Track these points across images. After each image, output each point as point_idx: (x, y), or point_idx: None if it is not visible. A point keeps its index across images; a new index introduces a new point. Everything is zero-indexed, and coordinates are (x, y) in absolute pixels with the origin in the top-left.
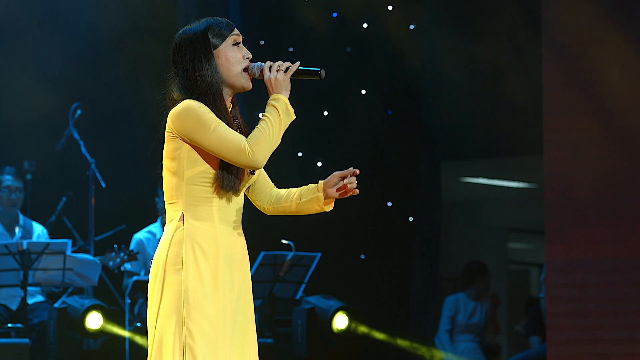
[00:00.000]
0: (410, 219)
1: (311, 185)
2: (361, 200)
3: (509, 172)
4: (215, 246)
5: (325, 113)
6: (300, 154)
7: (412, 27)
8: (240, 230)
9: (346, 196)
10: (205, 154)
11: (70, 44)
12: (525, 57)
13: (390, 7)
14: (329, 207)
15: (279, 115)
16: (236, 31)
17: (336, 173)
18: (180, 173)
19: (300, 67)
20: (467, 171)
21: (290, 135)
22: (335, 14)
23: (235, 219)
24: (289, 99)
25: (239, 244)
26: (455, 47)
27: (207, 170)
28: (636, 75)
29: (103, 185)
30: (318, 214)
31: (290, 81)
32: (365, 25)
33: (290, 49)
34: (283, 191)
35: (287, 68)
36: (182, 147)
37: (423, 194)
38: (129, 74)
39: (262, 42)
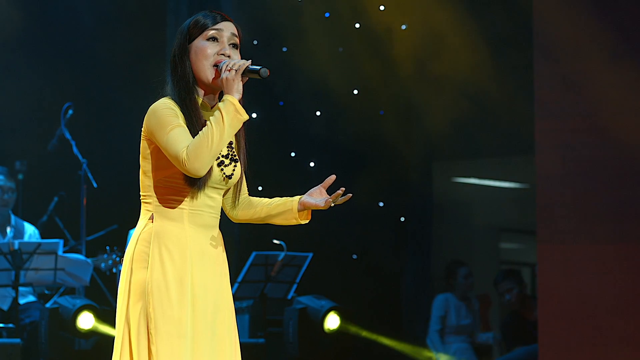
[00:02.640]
0: (402, 219)
1: (287, 197)
2: (352, 201)
3: (501, 172)
4: (183, 248)
5: (318, 113)
6: (293, 154)
7: (403, 27)
8: (216, 231)
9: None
10: None
11: (61, 43)
12: (517, 57)
13: (382, 7)
14: (305, 220)
15: (222, 120)
16: (220, 25)
17: (320, 185)
18: (150, 173)
19: (249, 67)
20: (459, 171)
21: (283, 135)
22: (327, 14)
23: (208, 221)
24: (242, 96)
25: (212, 246)
26: (446, 46)
27: (174, 175)
28: (627, 76)
29: (95, 185)
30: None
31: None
32: (357, 26)
33: (284, 49)
34: (255, 198)
35: (239, 67)
36: (151, 148)
37: (414, 194)
38: (121, 74)
39: (255, 42)
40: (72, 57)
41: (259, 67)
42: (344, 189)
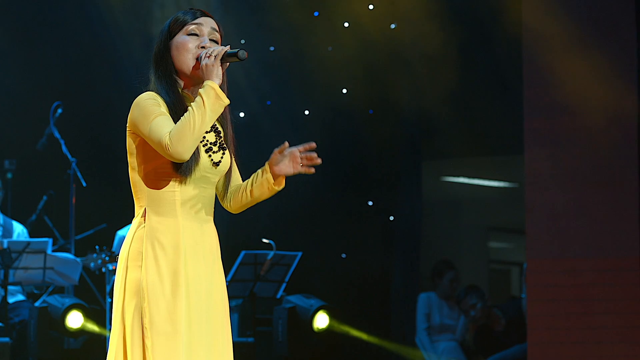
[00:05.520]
0: (391, 218)
1: (258, 171)
2: (342, 200)
3: (490, 171)
4: (176, 242)
5: (307, 112)
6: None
7: (392, 26)
8: (210, 225)
9: (297, 172)
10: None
11: (51, 42)
12: (506, 56)
13: (371, 7)
14: (279, 187)
15: (203, 104)
16: (200, 20)
17: (275, 150)
18: (139, 168)
19: (228, 51)
20: (448, 170)
21: (271, 135)
22: (316, 13)
23: (201, 213)
24: (223, 83)
25: (206, 239)
26: (436, 46)
27: (162, 165)
28: (617, 74)
29: (84, 184)
30: (299, 212)
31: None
32: (346, 25)
33: (272, 48)
34: (240, 184)
35: (218, 53)
36: (137, 142)
37: (404, 193)
38: (109, 72)
39: (242, 41)
40: (60, 56)
41: (236, 50)
42: (287, 143)
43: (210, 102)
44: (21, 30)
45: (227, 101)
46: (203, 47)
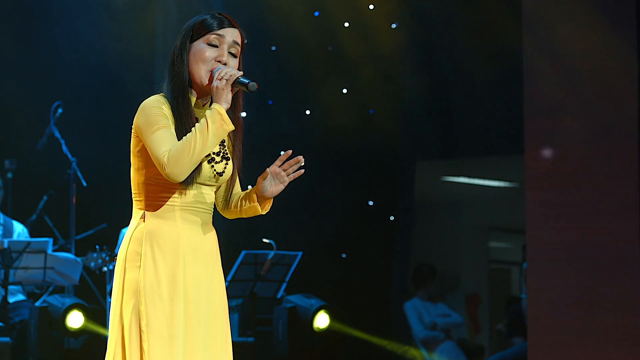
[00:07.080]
0: (391, 218)
1: (246, 196)
2: (342, 200)
3: (490, 171)
4: (176, 246)
5: (308, 112)
6: (282, 153)
7: (393, 26)
8: (209, 228)
9: (287, 183)
10: None
11: (52, 42)
12: (506, 56)
13: (371, 7)
14: (265, 210)
15: (207, 128)
16: (223, 31)
17: (259, 179)
18: (141, 171)
19: (239, 78)
20: (448, 170)
21: (273, 134)
22: (317, 13)
23: (201, 217)
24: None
25: (206, 243)
26: (436, 46)
27: None
28: (618, 75)
29: (84, 184)
30: (299, 212)
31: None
32: (346, 25)
33: (273, 48)
34: (236, 195)
35: (230, 77)
36: (140, 146)
37: (404, 193)
38: (110, 72)
39: (245, 41)
40: (61, 55)
41: (247, 81)
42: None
43: (215, 127)
44: (21, 30)
45: (232, 127)
46: (219, 62)
